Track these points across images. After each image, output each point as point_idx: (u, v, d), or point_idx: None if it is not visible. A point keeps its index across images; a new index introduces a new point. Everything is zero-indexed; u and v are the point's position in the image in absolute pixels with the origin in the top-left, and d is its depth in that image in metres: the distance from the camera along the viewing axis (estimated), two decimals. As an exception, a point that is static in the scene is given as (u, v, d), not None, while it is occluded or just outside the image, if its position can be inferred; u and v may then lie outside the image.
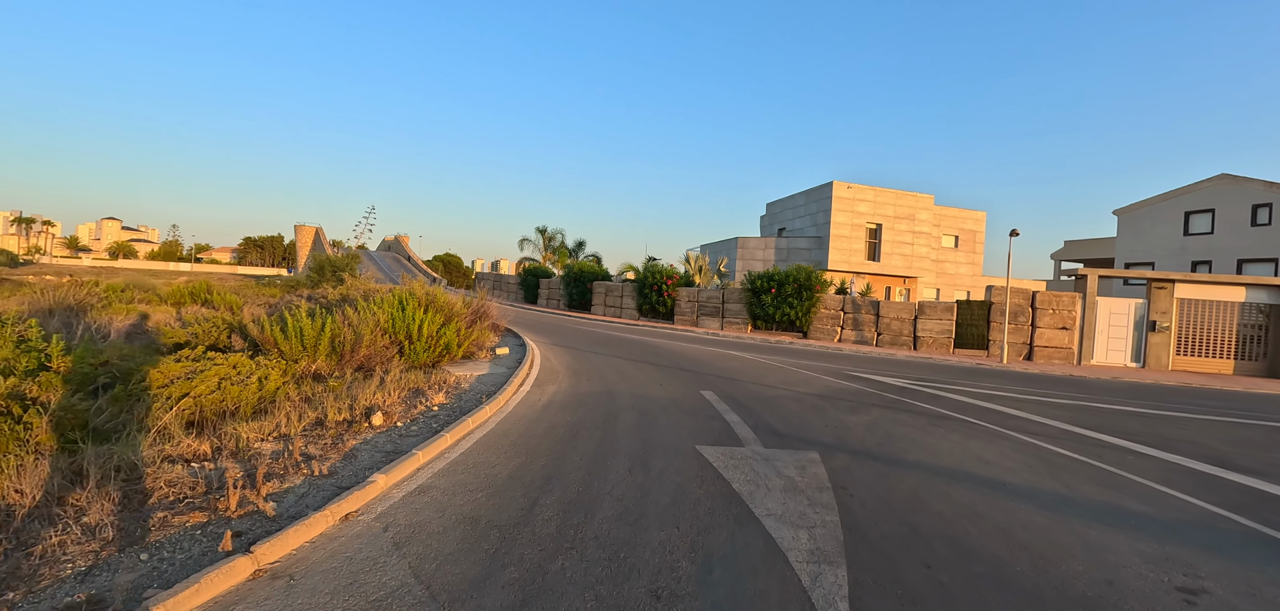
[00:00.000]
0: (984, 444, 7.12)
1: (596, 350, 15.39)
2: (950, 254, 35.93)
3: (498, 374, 10.20)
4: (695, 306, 27.77)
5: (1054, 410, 10.00)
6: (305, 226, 61.10)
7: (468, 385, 8.94)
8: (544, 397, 8.58)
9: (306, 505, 4.19)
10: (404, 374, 8.87)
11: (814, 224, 33.66)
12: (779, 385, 10.97)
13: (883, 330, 23.03)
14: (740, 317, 26.07)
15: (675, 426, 7.13)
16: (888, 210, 32.56)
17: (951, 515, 4.63)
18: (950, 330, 22.10)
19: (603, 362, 12.88)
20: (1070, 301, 21.37)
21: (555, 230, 45.85)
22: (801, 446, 6.47)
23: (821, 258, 32.35)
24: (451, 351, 10.46)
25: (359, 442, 5.72)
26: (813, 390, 10.61)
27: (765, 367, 13.56)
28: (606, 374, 11.20)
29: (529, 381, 9.90)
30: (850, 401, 9.62)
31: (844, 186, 31.68)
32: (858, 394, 10.47)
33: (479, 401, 7.70)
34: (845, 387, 11.14)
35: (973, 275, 36.29)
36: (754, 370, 12.96)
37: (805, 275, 23.83)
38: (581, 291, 33.57)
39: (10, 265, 71.38)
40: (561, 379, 10.38)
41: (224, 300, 16.49)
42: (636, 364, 12.91)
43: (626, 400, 8.63)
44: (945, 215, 35.55)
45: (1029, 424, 8.57)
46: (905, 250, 32.99)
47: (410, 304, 10.50)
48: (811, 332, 24.23)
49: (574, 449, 5.96)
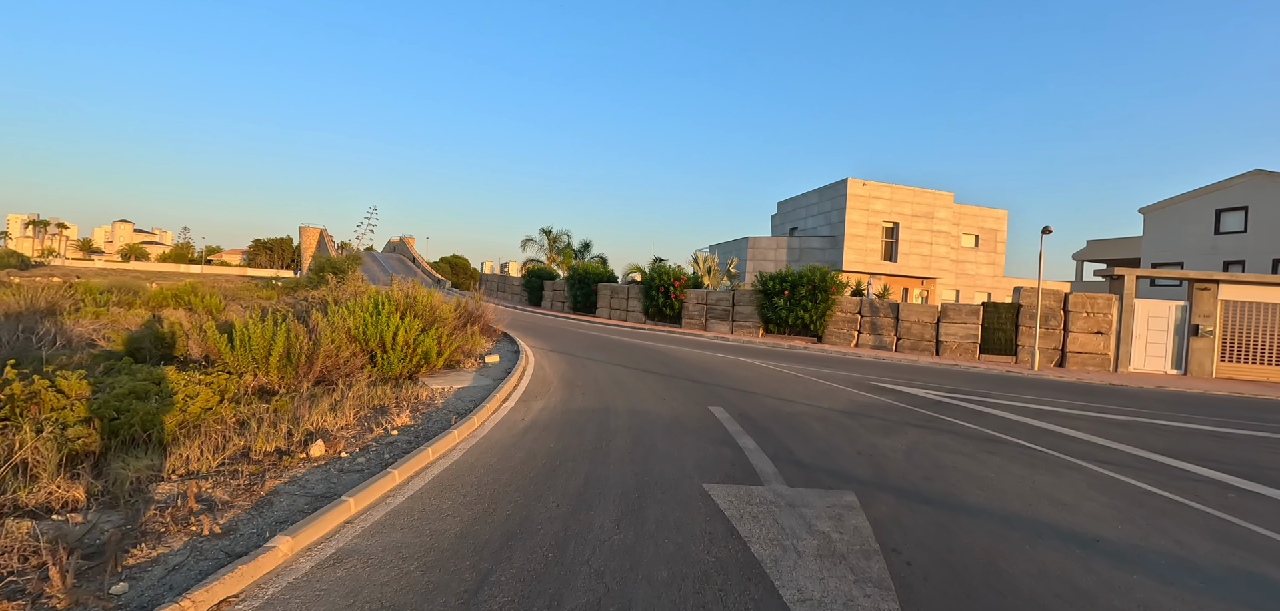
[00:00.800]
0: (1053, 477, 5.89)
1: (596, 356, 14.26)
2: (970, 254, 34.44)
3: (481, 386, 9.08)
4: (703, 309, 26.57)
5: (1114, 429, 8.72)
6: (310, 228, 60.55)
7: (442, 401, 7.83)
8: (528, 416, 7.44)
9: (168, 588, 3.06)
10: (371, 388, 7.77)
11: (827, 223, 32.32)
12: (797, 398, 9.77)
13: (903, 334, 21.71)
14: (751, 321, 24.84)
15: (678, 454, 5.96)
16: (905, 208, 31.16)
17: (1049, 598, 3.43)
18: (975, 334, 20.75)
19: (601, 371, 11.74)
20: (1106, 304, 19.95)
21: (560, 231, 44.80)
22: (833, 483, 5.28)
23: (836, 258, 31.02)
24: (430, 361, 9.36)
25: (285, 481, 4.61)
26: (836, 404, 9.40)
27: (780, 377, 12.35)
28: (604, 385, 10.06)
29: (515, 395, 8.78)
30: (881, 419, 8.40)
31: (859, 183, 30.32)
32: (887, 410, 9.24)
33: (448, 423, 6.57)
34: (872, 401, 9.91)
35: (994, 276, 34.77)
36: (768, 380, 11.76)
37: (820, 276, 22.58)
38: (586, 293, 32.47)
39: (21, 268, 71.64)
40: (552, 391, 9.25)
41: (204, 304, 15.54)
42: (638, 373, 11.75)
43: (623, 418, 7.48)
44: (965, 213, 34.08)
45: (1094, 449, 7.31)
46: (923, 250, 31.56)
47: (385, 308, 9.42)
48: (826, 337, 22.96)
49: (552, 488, 4.81)
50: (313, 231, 60.08)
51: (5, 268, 64.93)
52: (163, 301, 17.35)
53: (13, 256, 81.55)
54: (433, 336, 9.36)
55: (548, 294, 37.38)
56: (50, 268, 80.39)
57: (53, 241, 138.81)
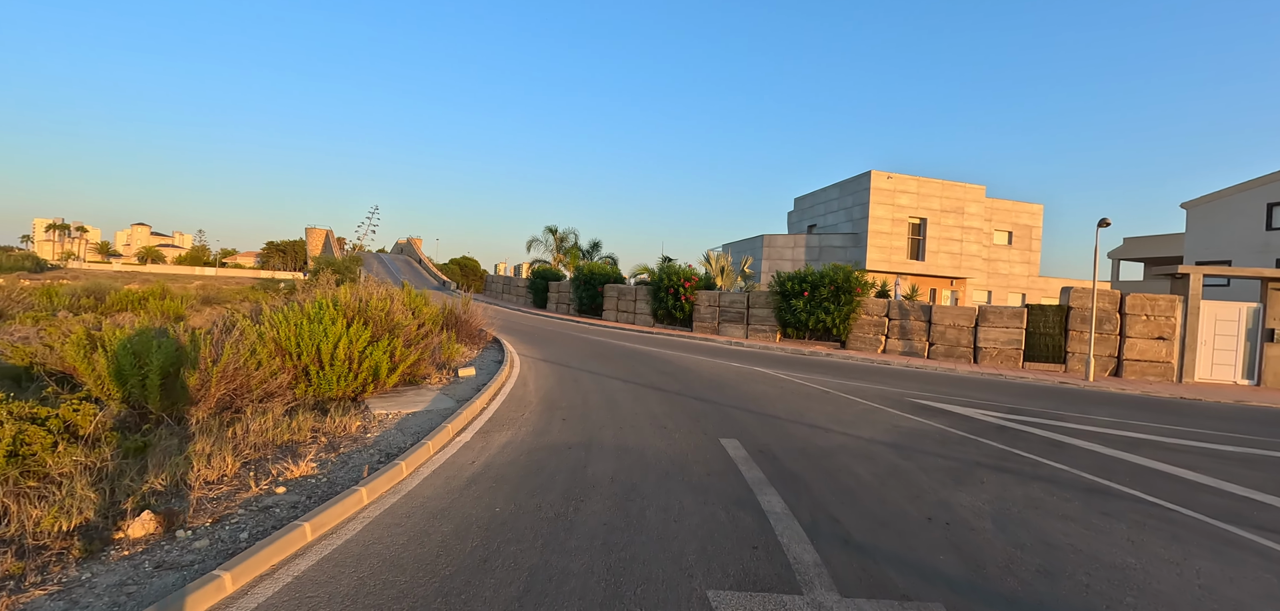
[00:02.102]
0: (1219, 565, 4.02)
1: (591, 367, 12.52)
2: (1003, 252, 32.14)
3: (439, 410, 7.38)
4: (716, 311, 24.73)
5: (1237, 468, 6.76)
6: (316, 229, 59.66)
7: (375, 435, 6.12)
8: (482, 457, 5.71)
9: None
10: (288, 417, 6.10)
11: (849, 219, 30.24)
12: (829, 422, 7.94)
13: (936, 340, 19.69)
14: (767, 324, 22.95)
15: (674, 527, 4.19)
16: (933, 203, 28.99)
17: None
18: (1019, 340, 18.67)
19: (593, 388, 9.98)
20: (1168, 306, 17.78)
21: (567, 229, 43.16)
22: (908, 584, 3.47)
23: (858, 256, 28.96)
24: (380, 379, 7.68)
25: (48, 595, 2.92)
26: (879, 432, 7.55)
27: (804, 392, 10.50)
28: (593, 407, 8.31)
29: (476, 423, 7.05)
30: (941, 457, 6.54)
31: (883, 176, 28.22)
32: (944, 440, 7.37)
33: (357, 477, 4.85)
34: (921, 428, 8.04)
35: (1028, 276, 32.43)
36: (791, 396, 9.92)
37: (843, 275, 20.63)
38: (591, 295, 30.77)
39: (35, 270, 71.94)
40: (526, 418, 7.51)
41: (161, 307, 14.07)
42: (638, 389, 9.99)
43: (607, 462, 5.72)
44: (997, 208, 31.78)
45: (1240, 505, 5.39)
46: (953, 247, 29.36)
47: (327, 313, 7.76)
48: (850, 342, 21.00)
49: (468, 607, 3.06)
50: (319, 233, 59.17)
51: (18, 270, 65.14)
52: (124, 305, 15.95)
53: (27, 258, 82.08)
54: (383, 349, 7.67)
55: (553, 296, 35.77)
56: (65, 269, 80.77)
57: (73, 245, 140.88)
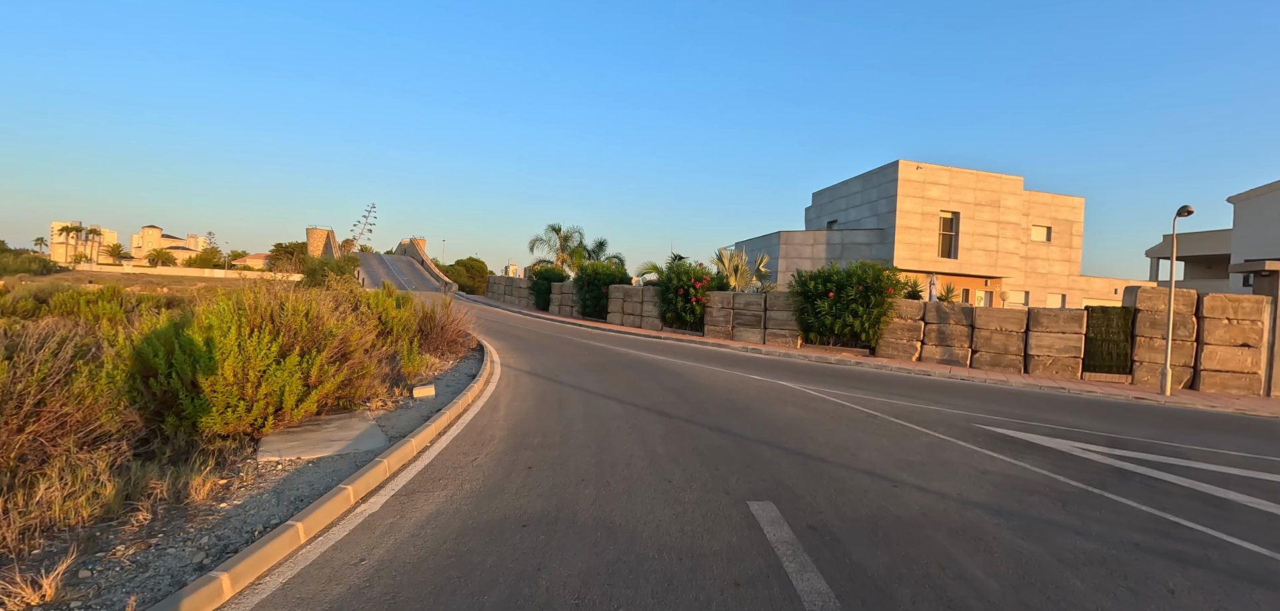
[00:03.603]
0: None
1: (585, 382, 10.48)
2: (1041, 249, 29.64)
3: (361, 452, 5.38)
4: (730, 314, 22.59)
5: None
6: (317, 230, 58.32)
7: (234, 505, 4.12)
8: (381, 548, 3.69)
9: None
10: (117, 475, 4.12)
11: (874, 213, 27.93)
12: (895, 468, 5.82)
13: (979, 346, 17.43)
14: (787, 329, 20.78)
15: None
16: (966, 195, 26.60)
17: None
18: (1077, 347, 16.36)
19: (582, 411, 7.94)
20: (1254, 308, 15.43)
21: (572, 228, 41.17)
22: None
23: (884, 253, 26.67)
24: (284, 411, 5.69)
25: None
26: (968, 486, 5.42)
27: (845, 415, 8.37)
28: (575, 446, 6.26)
29: (403, 477, 5.03)
30: (1077, 532, 4.40)
31: (912, 166, 25.90)
32: (1063, 498, 5.22)
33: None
34: (1019, 475, 5.89)
35: (1069, 275, 29.91)
36: (831, 422, 7.80)
37: (873, 274, 18.43)
38: (595, 296, 28.75)
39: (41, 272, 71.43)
40: (478, 465, 5.49)
41: (93, 310, 12.27)
42: (638, 414, 7.93)
43: (577, 557, 3.67)
44: (1035, 202, 29.30)
45: None
46: (989, 244, 26.94)
47: (219, 319, 5.79)
48: (881, 348, 18.78)
49: None
50: (319, 233, 57.82)
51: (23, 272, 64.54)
52: (69, 307, 14.19)
53: (34, 260, 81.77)
54: (290, 370, 5.68)
55: (556, 297, 33.81)
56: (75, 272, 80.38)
57: (86, 247, 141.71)
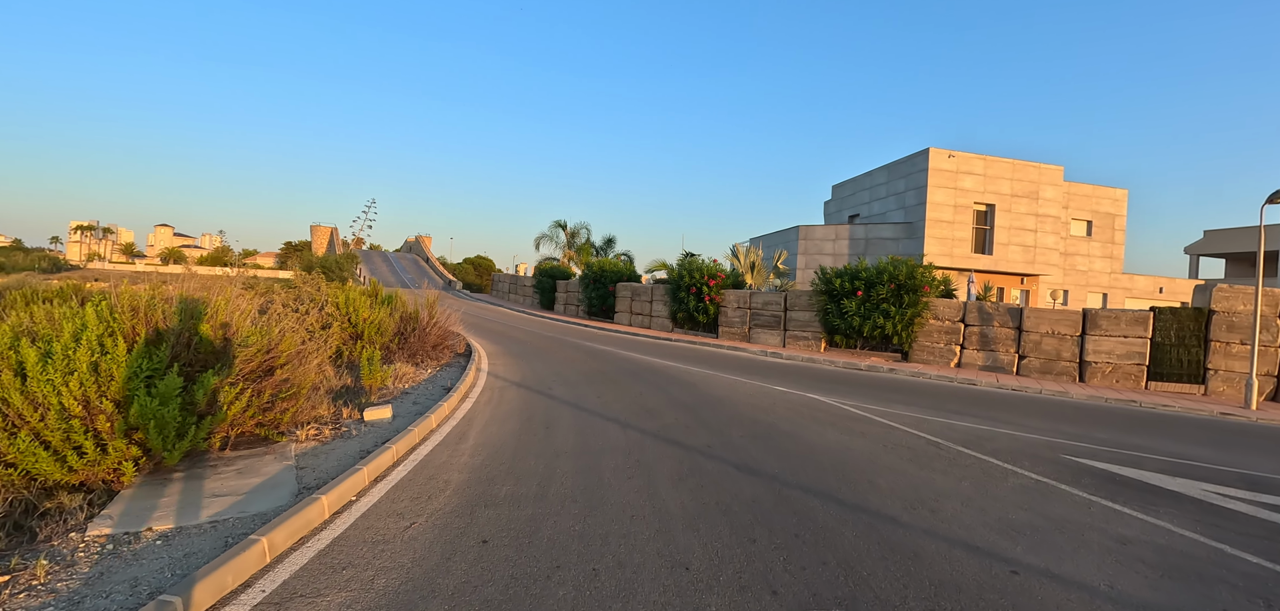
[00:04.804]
0: None
1: (582, 398, 8.85)
2: (1081, 244, 27.53)
3: (231, 524, 3.82)
4: (746, 315, 20.88)
5: None
6: (321, 227, 57.38)
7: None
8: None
9: None
10: None
11: (901, 206, 26.01)
12: (1000, 541, 4.13)
13: (1028, 351, 15.58)
14: (809, 330, 19.03)
15: None
16: (1002, 186, 24.60)
17: None
18: (1142, 353, 14.47)
19: (573, 441, 6.32)
20: (1352, 308, 13.44)
21: (579, 224, 39.55)
22: None
23: (913, 249, 24.76)
24: (151, 451, 4.13)
25: None
26: (1110, 572, 3.72)
27: (905, 445, 6.66)
28: (555, 501, 4.64)
29: (275, 577, 3.44)
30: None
31: (944, 154, 23.96)
32: (1258, 588, 3.51)
33: None
34: (1166, 544, 4.16)
35: (1111, 273, 27.78)
36: (890, 458, 6.10)
37: (907, 270, 16.63)
38: (601, 295, 27.14)
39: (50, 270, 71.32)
40: (408, 543, 3.89)
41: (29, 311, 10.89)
42: (642, 444, 6.29)
43: None
44: (1074, 193, 27.20)
45: None
46: (1026, 239, 24.92)
47: (46, 322, 4.25)
48: (914, 352, 16.98)
49: None
50: (324, 230, 56.87)
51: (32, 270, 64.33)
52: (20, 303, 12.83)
53: (43, 258, 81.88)
54: (165, 395, 4.11)
55: (561, 296, 32.27)
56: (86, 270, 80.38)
57: (100, 246, 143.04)
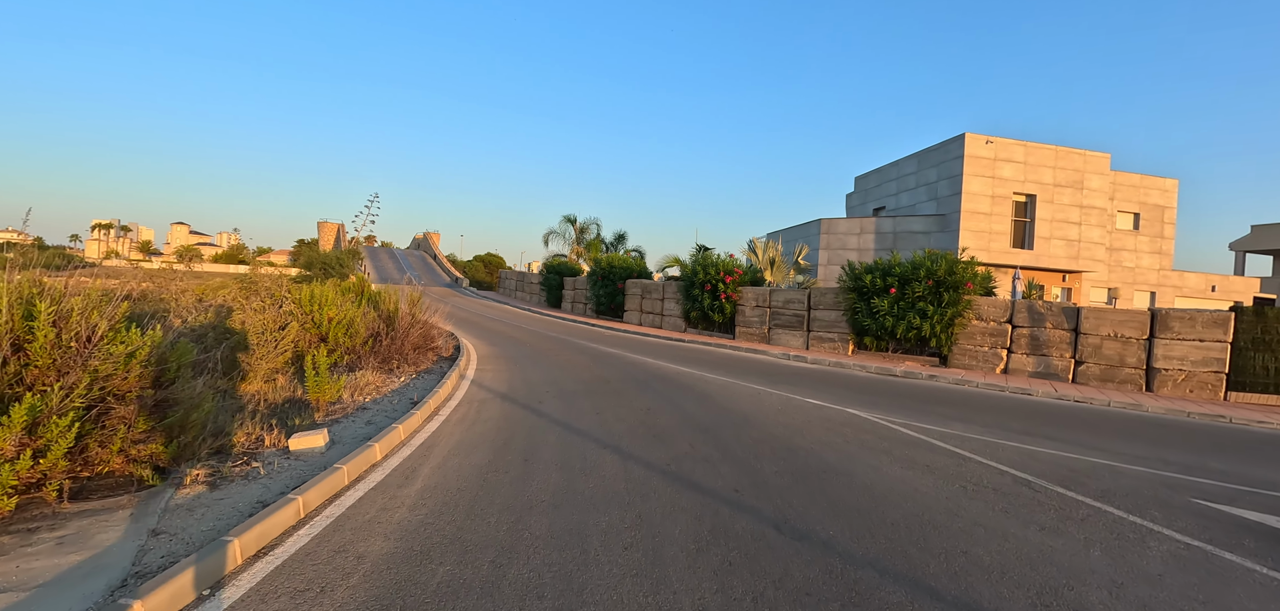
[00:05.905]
0: None
1: (575, 415, 7.38)
2: (1127, 238, 25.52)
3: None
4: (765, 314, 19.29)
5: None
6: (328, 223, 56.68)
7: None
8: None
9: None
10: None
11: (932, 196, 24.21)
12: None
13: (1085, 356, 13.84)
14: (834, 331, 17.40)
15: None
16: (1044, 175, 22.71)
17: None
18: (1221, 359, 12.68)
19: (554, 479, 4.85)
20: None
21: (588, 220, 38.17)
22: None
23: (946, 242, 22.97)
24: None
25: None
26: None
27: (990, 486, 5.10)
28: (508, 599, 3.17)
29: None
30: None
31: (980, 140, 22.12)
32: None
33: None
34: None
35: (1160, 270, 25.73)
36: (979, 510, 4.56)
37: (946, 266, 14.95)
38: (610, 293, 25.69)
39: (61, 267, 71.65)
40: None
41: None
42: (647, 484, 4.80)
43: None
44: (1121, 183, 25.19)
45: None
46: (1069, 232, 23.00)
47: None
48: (953, 357, 15.29)
49: None
50: (330, 227, 56.16)
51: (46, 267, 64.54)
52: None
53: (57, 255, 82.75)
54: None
55: (568, 293, 30.90)
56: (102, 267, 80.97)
57: (118, 244, 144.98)
